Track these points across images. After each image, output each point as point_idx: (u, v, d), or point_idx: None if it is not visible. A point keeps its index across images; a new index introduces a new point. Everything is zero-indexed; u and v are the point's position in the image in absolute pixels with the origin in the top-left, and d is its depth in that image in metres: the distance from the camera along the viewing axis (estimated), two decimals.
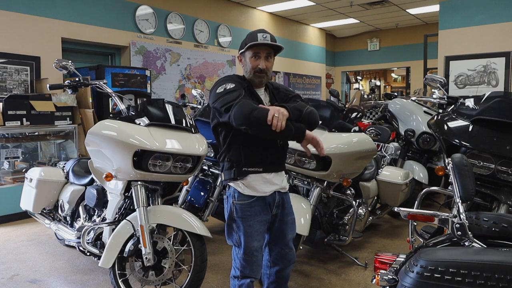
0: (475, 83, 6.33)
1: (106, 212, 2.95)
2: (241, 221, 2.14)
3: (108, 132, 2.55)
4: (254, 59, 2.12)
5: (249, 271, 2.17)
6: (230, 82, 2.09)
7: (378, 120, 6.30)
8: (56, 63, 2.91)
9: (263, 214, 2.18)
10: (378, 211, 4.16)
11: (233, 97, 2.00)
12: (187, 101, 5.43)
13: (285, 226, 2.27)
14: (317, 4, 8.73)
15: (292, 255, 2.32)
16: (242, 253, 2.16)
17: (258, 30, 2.15)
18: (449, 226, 1.76)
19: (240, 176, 2.13)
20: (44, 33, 5.61)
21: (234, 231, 2.18)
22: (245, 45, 2.13)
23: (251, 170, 2.12)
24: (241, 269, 2.18)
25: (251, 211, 2.14)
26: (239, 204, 2.14)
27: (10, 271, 3.37)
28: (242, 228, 2.14)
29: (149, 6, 6.86)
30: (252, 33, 2.14)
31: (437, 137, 2.93)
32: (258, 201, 2.15)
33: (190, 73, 7.56)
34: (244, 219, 2.14)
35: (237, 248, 2.19)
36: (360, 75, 15.12)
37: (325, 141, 2.95)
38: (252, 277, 2.19)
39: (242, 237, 2.14)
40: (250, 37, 2.13)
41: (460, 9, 6.47)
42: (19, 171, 5.09)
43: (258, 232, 2.17)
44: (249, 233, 2.14)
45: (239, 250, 2.17)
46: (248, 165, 2.12)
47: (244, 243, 2.14)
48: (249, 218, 2.14)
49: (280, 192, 2.24)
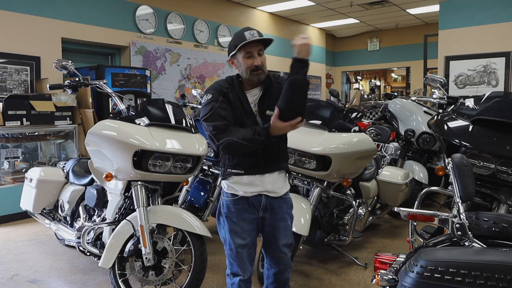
0: (475, 83, 6.33)
1: (106, 212, 2.95)
2: (225, 217, 2.20)
3: (108, 132, 2.55)
4: (247, 58, 2.10)
5: (235, 268, 2.21)
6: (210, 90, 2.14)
7: (378, 120, 6.30)
8: (56, 63, 2.91)
9: (248, 213, 2.18)
10: (378, 211, 4.16)
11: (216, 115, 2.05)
12: (187, 101, 5.42)
13: (276, 232, 2.23)
14: (317, 4, 8.73)
15: (287, 260, 2.30)
16: (227, 249, 2.22)
17: (243, 29, 2.11)
18: (449, 226, 1.76)
19: (225, 177, 2.21)
20: (44, 33, 5.61)
21: (222, 226, 2.25)
22: (234, 47, 2.10)
23: (234, 172, 2.17)
24: (229, 266, 2.24)
25: (234, 208, 2.18)
26: (225, 200, 2.21)
27: (10, 271, 3.37)
28: (226, 224, 2.21)
29: (149, 6, 6.86)
30: (238, 33, 2.11)
31: (437, 137, 2.93)
32: (241, 200, 2.18)
33: (190, 73, 7.56)
34: (227, 215, 2.19)
35: (225, 245, 2.24)
36: (360, 75, 15.11)
37: (325, 141, 2.96)
38: (239, 275, 2.20)
39: (226, 233, 2.20)
40: (238, 37, 2.09)
41: (460, 9, 6.47)
42: (19, 171, 5.09)
43: (243, 230, 2.18)
44: (232, 229, 2.18)
45: (225, 247, 2.24)
46: (231, 167, 2.17)
47: (228, 239, 2.20)
48: (232, 215, 2.18)
49: (268, 196, 2.19)
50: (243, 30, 2.11)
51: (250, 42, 2.06)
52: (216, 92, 2.12)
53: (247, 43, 2.06)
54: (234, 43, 2.11)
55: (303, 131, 3.05)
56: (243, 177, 2.15)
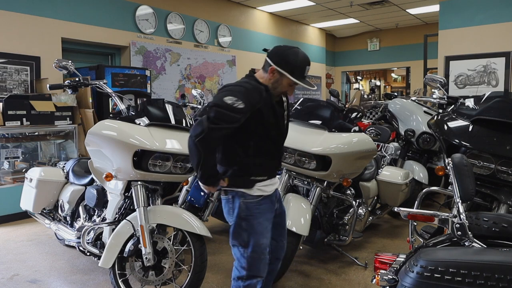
0: (475, 83, 6.33)
1: (106, 212, 2.95)
2: (251, 219, 2.18)
3: (108, 132, 2.55)
4: (289, 87, 2.18)
5: (256, 270, 2.20)
6: (245, 99, 2.01)
7: (378, 120, 6.30)
8: (56, 63, 2.91)
9: (270, 212, 2.27)
10: (378, 211, 4.16)
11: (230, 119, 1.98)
12: (187, 101, 5.42)
13: (283, 218, 2.46)
14: (317, 4, 8.73)
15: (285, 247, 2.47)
16: (250, 251, 2.18)
17: (305, 61, 2.15)
18: (449, 226, 1.76)
19: (249, 185, 2.18)
20: (44, 33, 5.61)
21: (243, 230, 2.19)
22: (291, 72, 2.11)
23: (258, 179, 2.19)
24: (248, 268, 2.19)
25: (259, 208, 2.20)
26: (248, 202, 2.18)
27: (10, 271, 3.37)
28: (252, 226, 2.18)
29: (149, 6, 6.86)
30: (301, 61, 2.13)
31: (437, 137, 2.93)
32: (265, 199, 2.23)
33: (190, 73, 7.56)
34: (253, 216, 2.18)
35: (242, 248, 2.20)
36: (360, 75, 15.11)
37: (325, 141, 2.96)
38: (260, 276, 2.22)
39: (251, 235, 2.18)
40: (298, 65, 2.12)
41: (460, 9, 6.47)
42: (19, 171, 5.09)
43: (266, 229, 2.23)
44: (259, 230, 2.19)
45: (245, 250, 2.19)
46: (256, 175, 2.18)
47: (253, 241, 2.17)
48: (258, 216, 2.19)
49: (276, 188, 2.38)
50: (305, 63, 2.15)
51: None
52: (249, 105, 2.03)
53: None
54: (292, 67, 2.11)
55: (303, 131, 3.05)
56: (266, 181, 2.23)
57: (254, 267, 2.19)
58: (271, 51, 2.18)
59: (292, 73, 2.11)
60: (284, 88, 2.17)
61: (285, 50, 2.14)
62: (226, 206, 2.26)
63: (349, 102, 9.64)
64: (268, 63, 2.15)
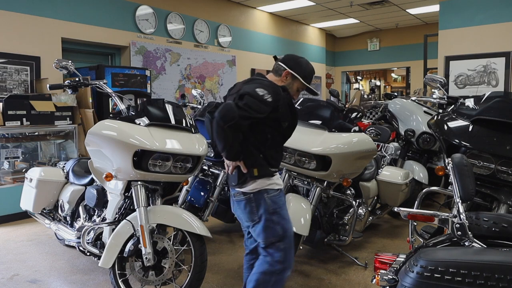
0: (475, 83, 6.33)
1: (106, 212, 2.95)
2: (280, 210, 2.29)
3: (108, 132, 2.55)
4: (297, 91, 2.44)
5: (289, 261, 2.28)
6: (273, 94, 2.19)
7: (378, 120, 6.30)
8: (56, 63, 2.91)
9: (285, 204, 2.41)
10: (378, 211, 4.16)
11: (259, 109, 2.13)
12: (187, 101, 5.42)
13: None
14: (317, 4, 8.73)
15: None
16: (285, 242, 2.25)
17: (313, 70, 2.47)
18: (449, 226, 1.76)
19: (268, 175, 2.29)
20: (44, 33, 5.61)
21: (276, 224, 2.25)
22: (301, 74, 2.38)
23: (273, 171, 2.33)
24: (283, 261, 2.24)
25: (282, 200, 2.35)
26: (272, 196, 2.28)
27: (10, 271, 3.37)
28: (282, 217, 2.29)
29: (149, 6, 6.86)
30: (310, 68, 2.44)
31: (437, 137, 2.93)
32: (281, 192, 2.38)
33: (190, 73, 7.56)
34: (281, 208, 2.30)
35: (278, 242, 2.24)
36: (360, 75, 15.11)
37: (325, 141, 2.96)
38: (290, 268, 2.29)
39: (284, 226, 2.27)
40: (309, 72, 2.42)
41: (460, 9, 6.47)
42: (19, 171, 5.09)
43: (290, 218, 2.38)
44: (287, 218, 2.33)
45: (280, 243, 2.24)
46: (273, 166, 2.32)
47: (286, 231, 2.28)
48: (283, 207, 2.33)
49: None
50: (313, 72, 2.47)
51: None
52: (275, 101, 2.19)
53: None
54: (305, 72, 2.40)
55: (303, 131, 3.05)
56: (277, 173, 2.38)
57: (287, 258, 2.26)
58: (285, 57, 2.43)
59: (305, 77, 2.39)
60: (293, 91, 2.41)
61: (298, 58, 2.43)
62: (247, 206, 2.28)
63: (349, 102, 9.64)
64: (282, 68, 2.39)
